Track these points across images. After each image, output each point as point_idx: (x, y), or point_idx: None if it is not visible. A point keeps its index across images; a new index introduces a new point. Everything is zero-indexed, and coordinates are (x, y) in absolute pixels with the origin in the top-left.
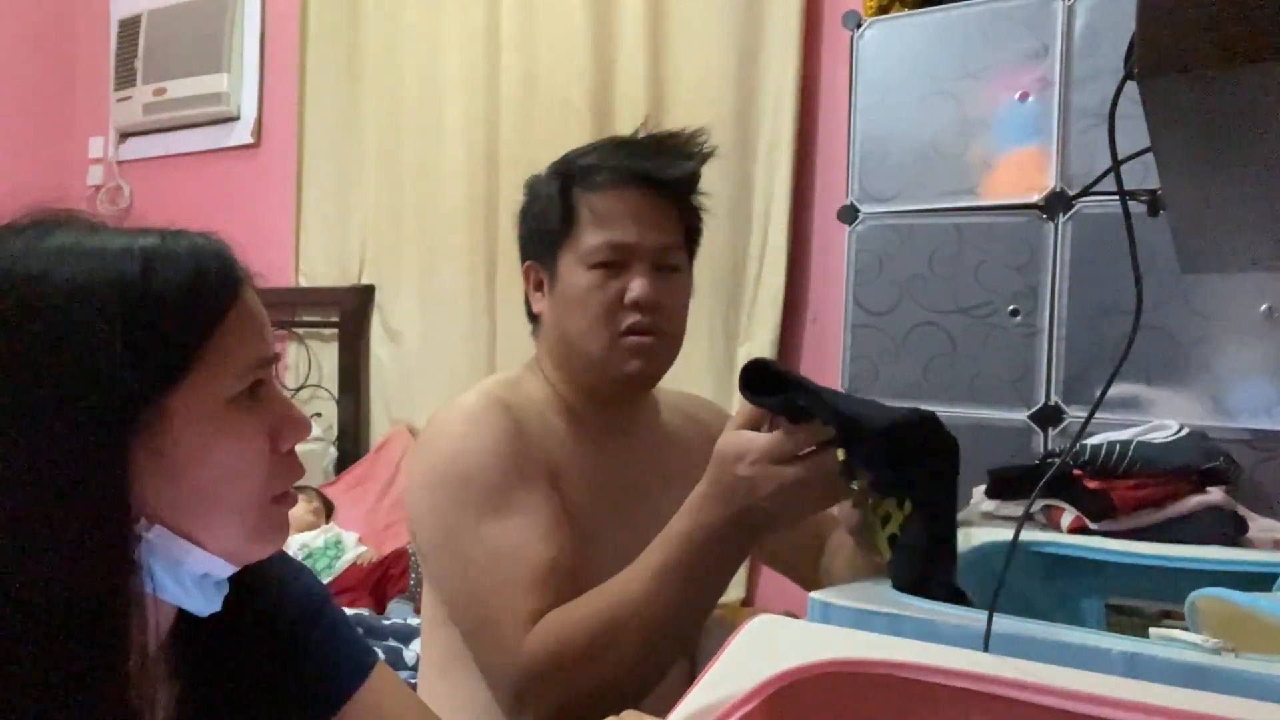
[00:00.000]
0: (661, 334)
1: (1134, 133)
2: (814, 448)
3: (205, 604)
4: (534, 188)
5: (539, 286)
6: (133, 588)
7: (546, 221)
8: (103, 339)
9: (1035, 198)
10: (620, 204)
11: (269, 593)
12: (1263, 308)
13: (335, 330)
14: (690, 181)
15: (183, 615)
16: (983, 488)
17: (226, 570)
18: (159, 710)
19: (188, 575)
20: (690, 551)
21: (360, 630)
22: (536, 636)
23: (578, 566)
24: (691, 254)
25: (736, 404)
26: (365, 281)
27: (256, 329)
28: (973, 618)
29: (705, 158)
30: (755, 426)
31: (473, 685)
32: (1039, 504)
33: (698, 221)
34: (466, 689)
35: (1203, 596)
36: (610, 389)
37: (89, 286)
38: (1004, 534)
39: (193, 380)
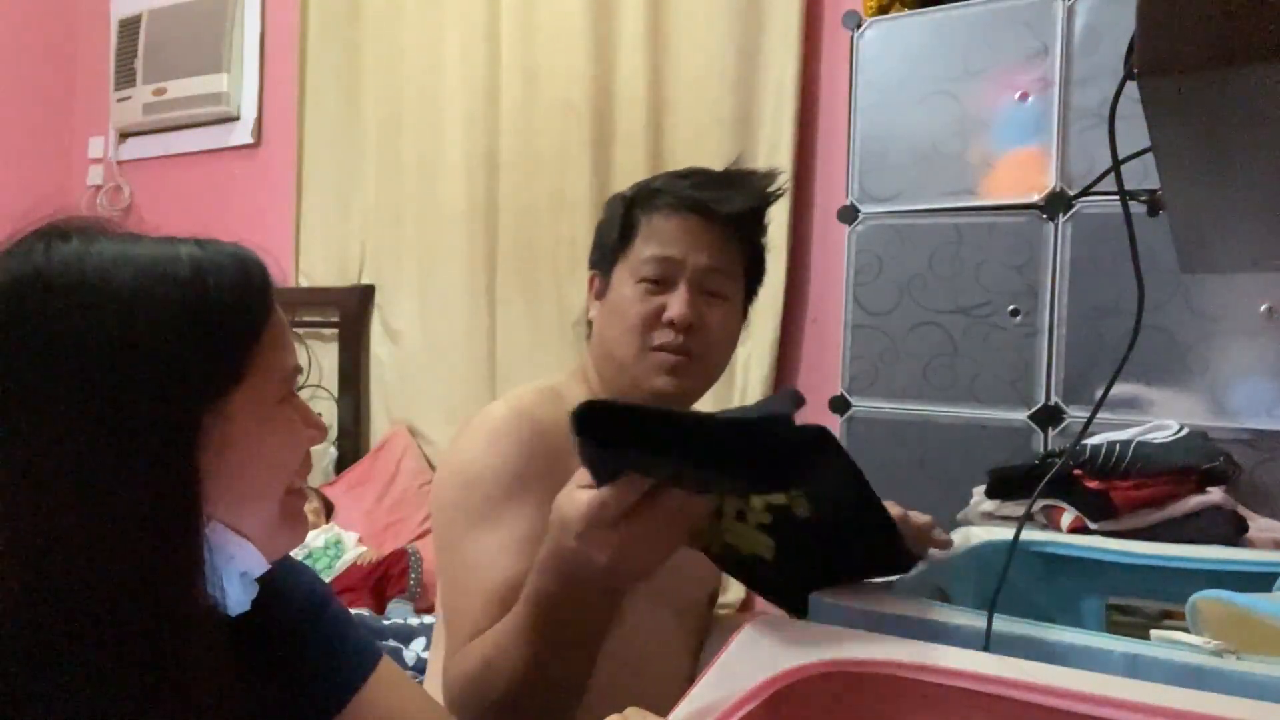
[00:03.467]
0: (692, 355)
1: (1134, 133)
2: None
3: (243, 601)
4: (608, 205)
5: (598, 295)
6: (201, 583)
7: (609, 235)
8: (168, 342)
9: (1035, 198)
10: (674, 225)
11: (273, 591)
12: (1263, 308)
13: (335, 330)
14: (744, 217)
15: None
16: (983, 488)
17: (263, 567)
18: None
19: (236, 571)
20: (537, 614)
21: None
22: (458, 657)
23: None
24: (750, 291)
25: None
26: (365, 281)
27: (288, 335)
28: (973, 618)
29: (765, 198)
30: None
31: None
32: (1039, 504)
33: (759, 261)
34: None
35: (1203, 598)
36: (639, 400)
37: (149, 292)
38: (1004, 534)
39: (249, 383)
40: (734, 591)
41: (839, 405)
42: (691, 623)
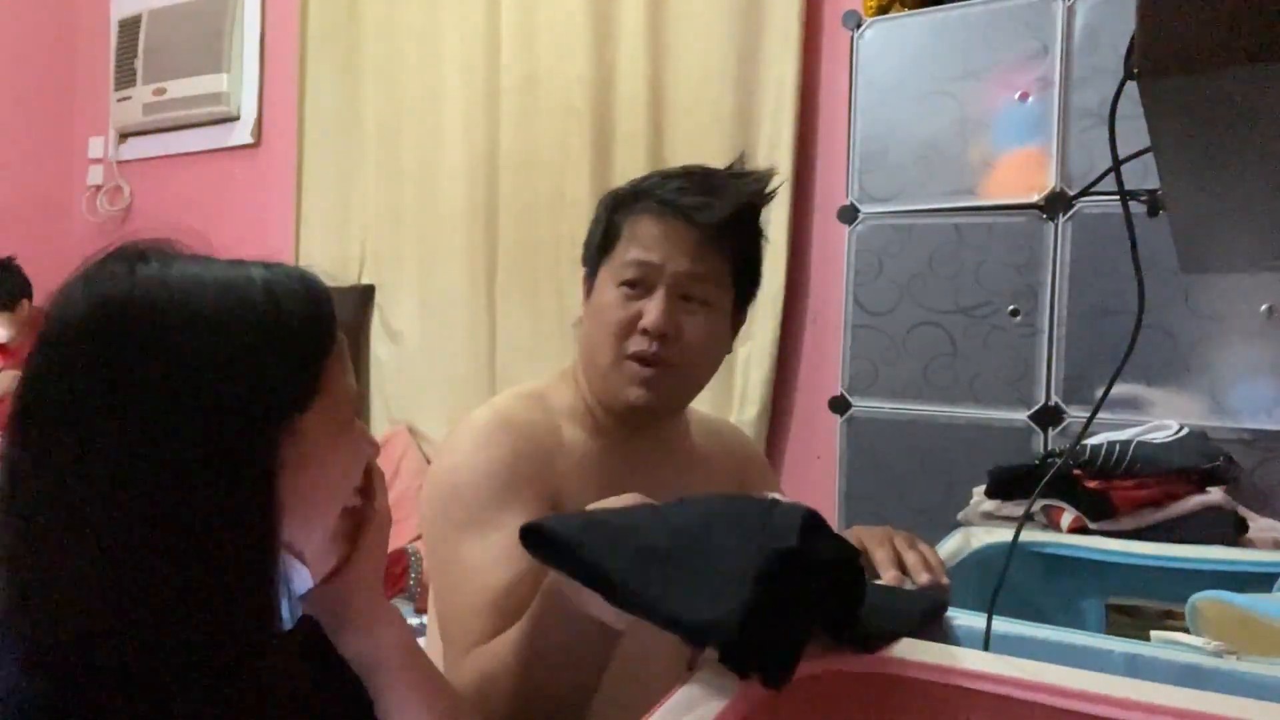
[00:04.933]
0: (668, 365)
1: (1134, 133)
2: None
3: (290, 617)
4: (599, 203)
5: (586, 296)
6: (277, 603)
7: (595, 235)
8: (248, 362)
9: (1035, 198)
10: (655, 229)
11: None
12: (1263, 308)
13: None
14: (727, 224)
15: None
16: (983, 488)
17: (307, 585)
18: None
19: (293, 592)
20: (536, 635)
21: None
22: (467, 665)
23: None
24: (740, 297)
25: (736, 407)
26: (365, 281)
27: (348, 357)
28: (973, 618)
29: (749, 204)
30: None
31: None
32: (1039, 504)
33: (750, 265)
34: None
35: (1203, 599)
36: (616, 408)
37: (228, 313)
38: (1004, 534)
39: (321, 402)
40: None
41: (839, 405)
42: None
